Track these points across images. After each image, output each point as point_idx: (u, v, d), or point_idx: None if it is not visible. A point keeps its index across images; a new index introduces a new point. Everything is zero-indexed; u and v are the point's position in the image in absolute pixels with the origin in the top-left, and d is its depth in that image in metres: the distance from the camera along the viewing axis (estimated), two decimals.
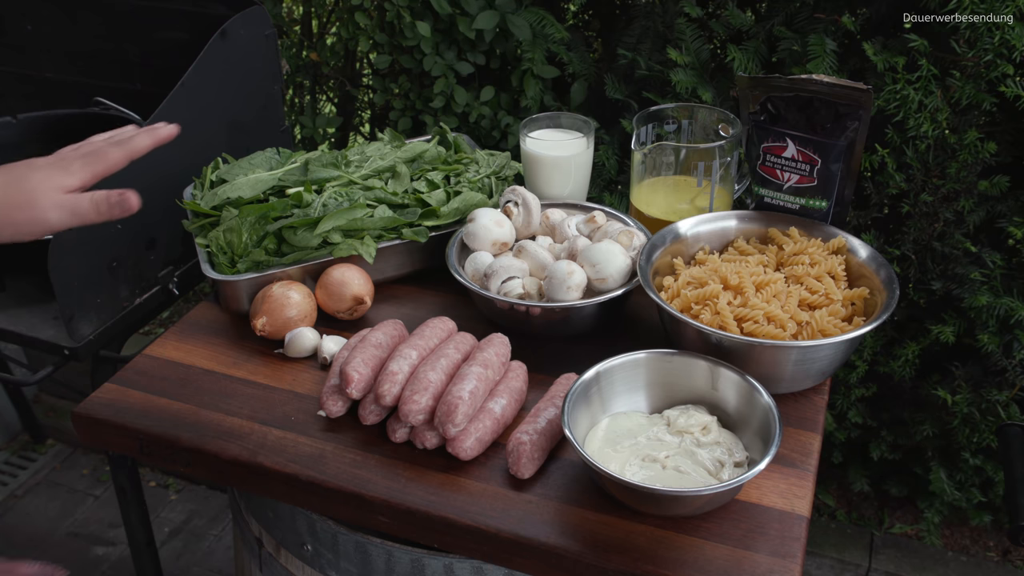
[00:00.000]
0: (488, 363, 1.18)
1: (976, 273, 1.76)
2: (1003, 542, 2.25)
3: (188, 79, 1.60)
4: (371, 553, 1.16)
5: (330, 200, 1.45)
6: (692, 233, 1.38)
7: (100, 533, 2.41)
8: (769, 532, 1.04)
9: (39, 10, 1.99)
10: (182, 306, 2.88)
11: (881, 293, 1.24)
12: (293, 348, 1.32)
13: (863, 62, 1.72)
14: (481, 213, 1.42)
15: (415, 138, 1.67)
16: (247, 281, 1.38)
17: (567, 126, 1.58)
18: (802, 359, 1.18)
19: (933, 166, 1.72)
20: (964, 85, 1.60)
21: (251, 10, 1.73)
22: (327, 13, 2.47)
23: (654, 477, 1.06)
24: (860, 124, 1.31)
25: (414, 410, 1.11)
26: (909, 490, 2.19)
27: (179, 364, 1.31)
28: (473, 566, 1.12)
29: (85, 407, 1.23)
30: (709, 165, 1.43)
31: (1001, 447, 1.32)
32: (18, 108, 1.79)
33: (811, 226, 1.37)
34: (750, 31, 1.81)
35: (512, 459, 1.09)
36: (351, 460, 1.14)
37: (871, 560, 2.23)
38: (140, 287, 1.65)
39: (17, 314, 1.65)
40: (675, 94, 1.84)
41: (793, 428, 1.18)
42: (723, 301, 1.22)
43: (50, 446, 2.69)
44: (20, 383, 1.71)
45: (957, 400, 1.88)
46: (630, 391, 1.17)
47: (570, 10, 2.20)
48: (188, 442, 1.17)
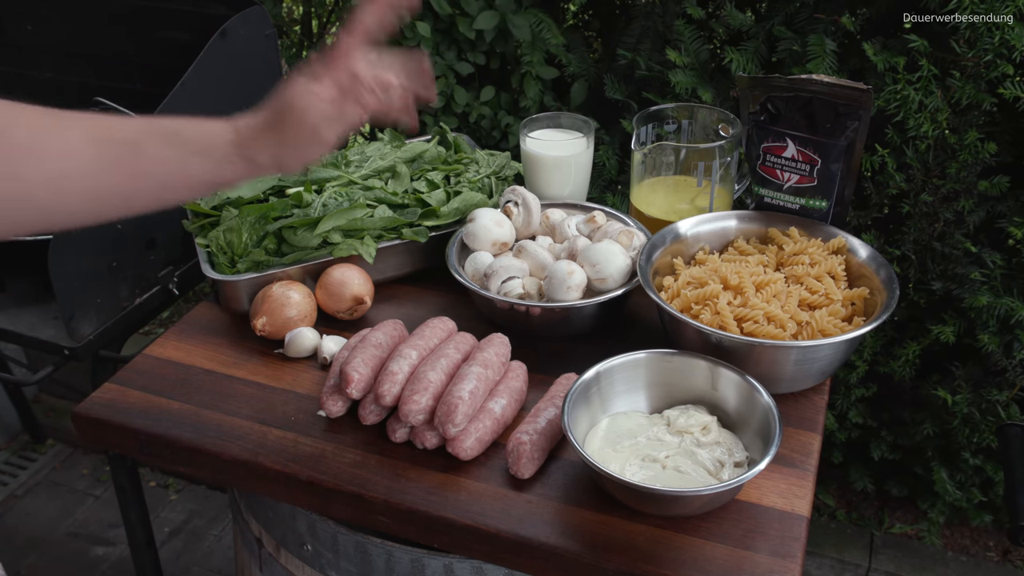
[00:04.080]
0: (488, 363, 1.18)
1: (976, 273, 1.76)
2: (1003, 542, 2.25)
3: (188, 79, 1.60)
4: (371, 553, 1.16)
5: (330, 200, 1.45)
6: (692, 233, 1.38)
7: (100, 533, 2.41)
8: (769, 532, 1.04)
9: (39, 10, 1.99)
10: (182, 306, 2.88)
11: (881, 293, 1.24)
12: (293, 348, 1.32)
13: (863, 62, 1.72)
14: (481, 213, 1.42)
15: (415, 138, 1.67)
16: (247, 281, 1.38)
17: (567, 126, 1.58)
18: (802, 359, 1.18)
19: (933, 166, 1.72)
20: (964, 85, 1.60)
21: (251, 10, 1.73)
22: (327, 13, 2.47)
23: (654, 477, 1.06)
24: (860, 124, 1.31)
25: (414, 410, 1.11)
26: (909, 490, 2.19)
27: (179, 364, 1.31)
28: (473, 566, 1.12)
29: (85, 407, 1.23)
30: (709, 165, 1.43)
31: (1001, 447, 1.32)
32: None
33: (811, 226, 1.37)
34: (750, 31, 1.81)
35: (512, 459, 1.09)
36: (351, 460, 1.14)
37: (871, 560, 2.23)
38: (140, 287, 1.65)
39: (17, 314, 1.65)
40: (675, 94, 1.84)
41: (793, 428, 1.18)
42: (723, 301, 1.22)
43: (50, 446, 2.69)
44: (20, 383, 1.71)
45: (957, 400, 1.88)
46: (630, 391, 1.17)
47: (570, 10, 2.20)
48: (188, 442, 1.17)
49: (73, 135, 0.87)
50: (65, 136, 0.86)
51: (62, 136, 0.86)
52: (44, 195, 0.86)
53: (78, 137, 0.87)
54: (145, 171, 0.90)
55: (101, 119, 0.90)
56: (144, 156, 0.90)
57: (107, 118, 0.90)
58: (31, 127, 0.85)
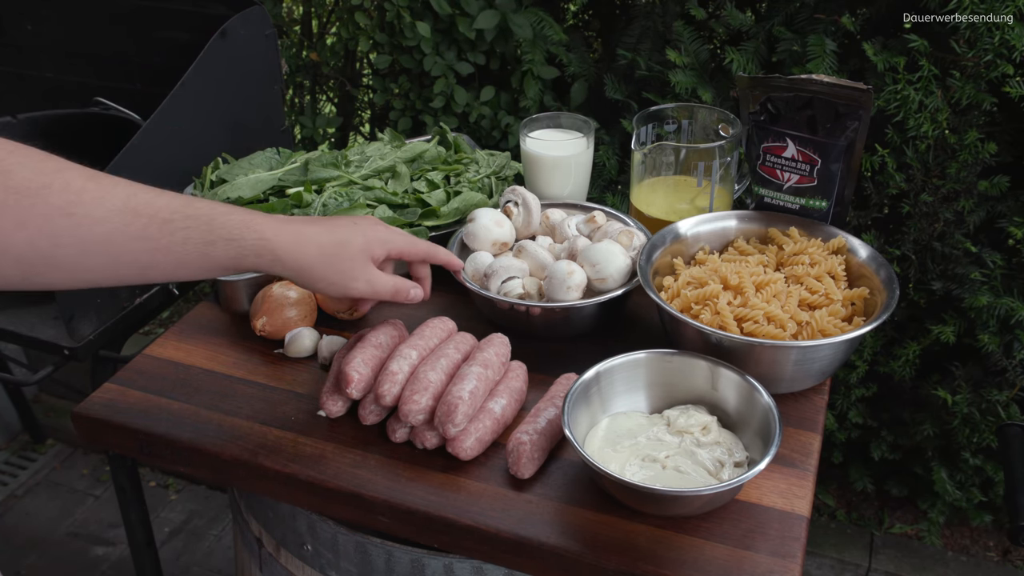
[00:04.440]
0: (488, 363, 1.18)
1: (976, 273, 1.76)
2: (1003, 542, 2.25)
3: (188, 79, 1.60)
4: (371, 553, 1.16)
5: (330, 200, 1.45)
6: (692, 233, 1.38)
7: (100, 533, 2.41)
8: (769, 532, 1.04)
9: (39, 10, 1.99)
10: (182, 306, 2.88)
11: (881, 293, 1.24)
12: (293, 348, 1.32)
13: (863, 62, 1.72)
14: (481, 213, 1.42)
15: (415, 138, 1.67)
16: (247, 281, 1.38)
17: (567, 126, 1.58)
18: (802, 359, 1.18)
19: (933, 166, 1.72)
20: (964, 85, 1.60)
21: (251, 10, 1.73)
22: (327, 13, 2.47)
23: (654, 477, 1.06)
24: (860, 124, 1.31)
25: (414, 410, 1.11)
26: (909, 490, 2.19)
27: (179, 364, 1.31)
28: (473, 566, 1.12)
29: (85, 407, 1.23)
30: (709, 165, 1.43)
31: (1001, 447, 1.32)
32: (18, 108, 1.79)
33: (811, 226, 1.37)
34: (750, 31, 1.81)
35: (512, 459, 1.09)
36: (351, 460, 1.14)
37: (871, 560, 2.23)
38: (140, 287, 1.65)
39: (17, 314, 1.65)
40: (675, 94, 1.84)
41: (793, 428, 1.18)
42: (723, 301, 1.22)
43: (50, 446, 2.70)
44: (20, 383, 1.71)
45: (957, 400, 1.88)
46: (630, 391, 1.17)
47: (570, 10, 2.20)
48: (188, 442, 1.17)
49: (111, 203, 0.89)
50: (103, 203, 0.89)
51: (100, 203, 0.88)
52: (70, 256, 0.88)
53: (115, 205, 0.89)
54: (168, 246, 0.94)
55: (140, 190, 0.93)
56: (172, 234, 0.93)
57: (146, 189, 0.93)
58: (70, 189, 0.87)
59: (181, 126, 1.66)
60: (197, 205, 0.97)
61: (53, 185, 0.85)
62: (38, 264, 0.87)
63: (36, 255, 0.86)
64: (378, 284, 1.13)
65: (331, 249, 1.07)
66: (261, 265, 1.01)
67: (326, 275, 1.07)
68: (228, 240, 0.98)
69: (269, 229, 1.01)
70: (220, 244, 0.97)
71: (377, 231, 1.13)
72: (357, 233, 1.11)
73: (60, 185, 0.86)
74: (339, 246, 1.08)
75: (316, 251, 1.05)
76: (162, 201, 0.94)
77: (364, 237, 1.11)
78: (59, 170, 0.87)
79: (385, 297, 1.15)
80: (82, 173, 0.88)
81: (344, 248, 1.08)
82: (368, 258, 1.11)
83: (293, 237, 1.03)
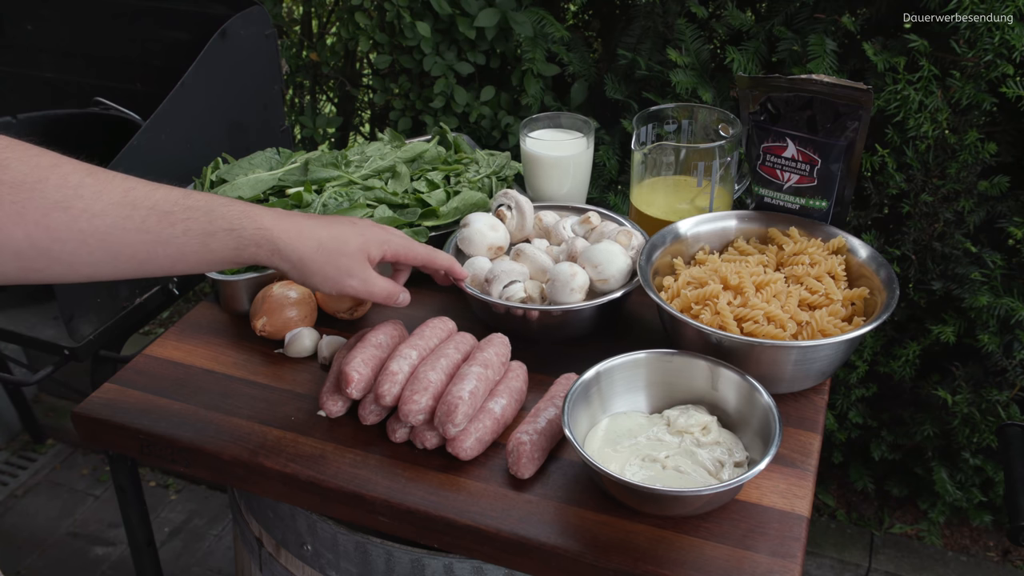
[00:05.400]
0: (488, 363, 1.18)
1: (976, 273, 1.76)
2: (1003, 542, 2.25)
3: (188, 79, 1.60)
4: (371, 553, 1.16)
5: (330, 200, 1.45)
6: (692, 233, 1.38)
7: (100, 533, 2.41)
8: (769, 532, 1.04)
9: (39, 10, 1.99)
10: (182, 306, 2.89)
11: (881, 293, 1.24)
12: (293, 348, 1.32)
13: (863, 62, 1.72)
14: (475, 218, 1.41)
15: (415, 138, 1.67)
16: (247, 281, 1.38)
17: (567, 126, 1.58)
18: (802, 359, 1.18)
19: (933, 166, 1.72)
20: (964, 85, 1.60)
21: (251, 10, 1.73)
22: (327, 13, 2.47)
23: (654, 477, 1.06)
24: (860, 124, 1.31)
25: (414, 410, 1.11)
26: (909, 490, 2.19)
27: (179, 364, 1.31)
28: (473, 566, 1.12)
29: (85, 407, 1.23)
30: (709, 165, 1.43)
31: (1001, 447, 1.32)
32: (18, 108, 1.79)
33: (811, 226, 1.37)
34: (750, 31, 1.81)
35: (512, 459, 1.09)
36: (351, 460, 1.14)
37: (871, 560, 2.23)
38: (140, 287, 1.65)
39: (17, 314, 1.65)
40: (675, 94, 1.84)
41: (793, 428, 1.18)
42: (723, 301, 1.22)
43: (50, 446, 2.70)
44: (20, 383, 1.71)
45: (957, 400, 1.88)
46: (630, 391, 1.17)
47: (570, 10, 2.20)
48: (188, 442, 1.17)
49: (109, 196, 0.89)
50: (101, 197, 0.89)
51: (98, 196, 0.88)
52: (69, 250, 0.88)
53: (113, 198, 0.89)
54: (168, 239, 0.94)
55: (138, 183, 0.93)
56: (172, 226, 0.93)
57: (144, 183, 0.94)
58: (67, 183, 0.86)
59: (181, 126, 1.66)
60: (196, 197, 0.97)
61: (50, 179, 0.85)
62: (36, 258, 0.86)
63: (34, 249, 0.86)
64: (373, 284, 1.14)
65: (330, 244, 1.07)
66: (260, 256, 1.02)
67: (323, 269, 1.07)
68: (228, 230, 0.98)
69: (269, 219, 1.02)
70: (220, 235, 0.97)
71: (376, 232, 1.14)
72: (356, 232, 1.11)
73: (57, 179, 0.86)
74: (338, 242, 1.08)
75: (315, 245, 1.06)
76: (160, 194, 0.94)
77: (363, 236, 1.11)
78: (56, 164, 0.86)
79: (377, 298, 1.16)
80: (79, 168, 0.88)
81: (343, 245, 1.09)
82: (365, 257, 1.12)
83: (293, 229, 1.04)
